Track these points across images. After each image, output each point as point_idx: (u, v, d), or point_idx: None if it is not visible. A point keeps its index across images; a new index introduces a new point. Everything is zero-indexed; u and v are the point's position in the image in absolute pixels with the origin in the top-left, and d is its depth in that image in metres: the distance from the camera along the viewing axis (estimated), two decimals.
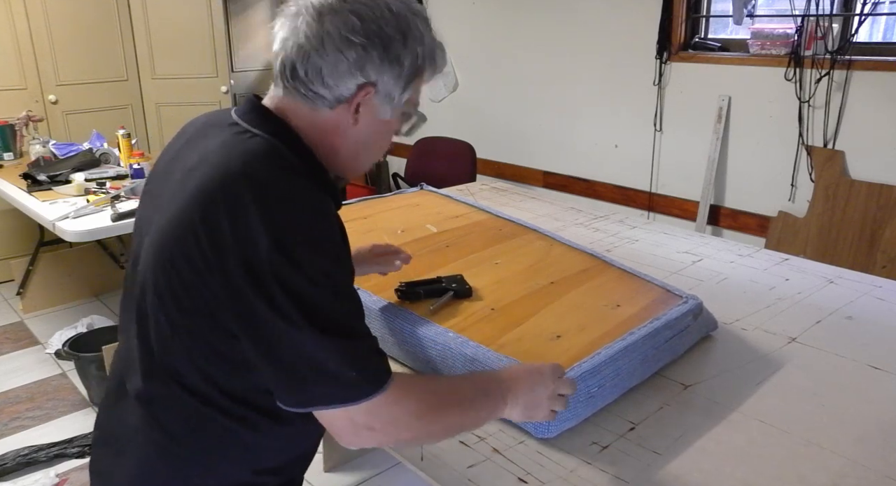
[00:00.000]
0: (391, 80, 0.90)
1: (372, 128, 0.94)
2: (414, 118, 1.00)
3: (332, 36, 0.86)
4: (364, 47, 0.87)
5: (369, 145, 0.97)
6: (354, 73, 0.88)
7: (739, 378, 1.34)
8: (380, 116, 0.93)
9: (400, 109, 0.95)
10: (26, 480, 2.40)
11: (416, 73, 0.93)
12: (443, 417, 0.93)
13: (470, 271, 1.60)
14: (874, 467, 1.08)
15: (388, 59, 0.88)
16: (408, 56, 0.90)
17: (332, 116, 0.91)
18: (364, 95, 0.90)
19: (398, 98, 0.93)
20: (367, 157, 0.99)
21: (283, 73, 0.89)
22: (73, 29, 4.11)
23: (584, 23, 3.51)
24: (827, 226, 2.82)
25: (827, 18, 2.71)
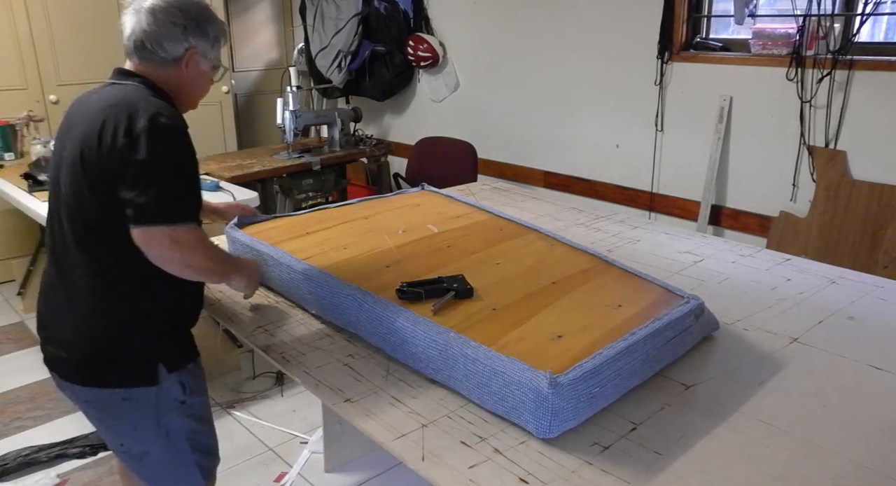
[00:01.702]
0: (204, 43, 1.45)
1: (198, 76, 1.49)
2: (221, 69, 1.56)
3: (165, 22, 1.40)
4: (185, 26, 1.41)
5: (197, 87, 1.52)
6: (182, 42, 1.42)
7: (741, 379, 1.34)
8: (202, 67, 1.48)
9: (212, 63, 1.49)
10: (27, 480, 2.40)
11: (215, 40, 1.48)
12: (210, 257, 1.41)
13: (471, 271, 1.60)
14: (875, 467, 1.08)
15: (200, 31, 1.44)
16: (211, 28, 1.46)
17: (173, 70, 1.45)
18: (191, 55, 1.44)
19: (210, 55, 1.48)
20: (195, 97, 1.54)
21: (136, 48, 1.42)
22: (73, 29, 4.11)
23: (585, 23, 3.51)
24: (828, 226, 2.82)
25: (828, 18, 2.70)
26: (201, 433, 1.59)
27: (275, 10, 5.17)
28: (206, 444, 1.61)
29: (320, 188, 3.99)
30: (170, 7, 1.40)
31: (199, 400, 1.56)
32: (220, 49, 1.51)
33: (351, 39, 4.34)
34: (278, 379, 2.98)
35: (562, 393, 1.13)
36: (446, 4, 4.20)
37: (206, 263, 1.40)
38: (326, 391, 1.31)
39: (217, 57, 1.51)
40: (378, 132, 4.74)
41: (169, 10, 1.40)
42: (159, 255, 1.33)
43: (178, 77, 1.46)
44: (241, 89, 5.04)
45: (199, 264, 1.38)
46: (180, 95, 1.49)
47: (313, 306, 1.60)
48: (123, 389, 1.44)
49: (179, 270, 1.37)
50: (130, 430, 1.49)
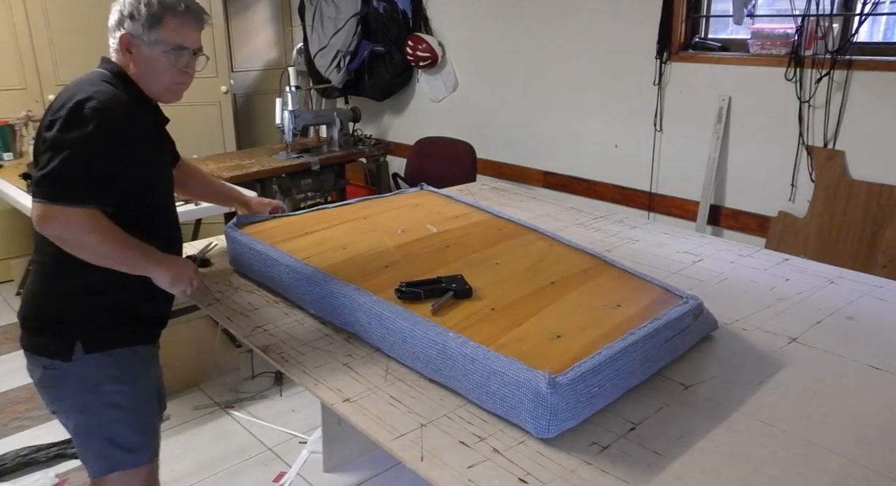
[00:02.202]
0: (137, 26, 1.45)
1: (145, 62, 1.47)
2: (186, 52, 1.49)
3: (112, 12, 1.48)
4: (122, 10, 1.46)
5: (151, 74, 1.49)
6: (117, 28, 1.47)
7: (740, 378, 1.34)
8: (144, 53, 1.46)
9: (156, 47, 1.46)
10: (26, 480, 2.40)
11: (155, 22, 1.44)
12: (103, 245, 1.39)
13: (470, 271, 1.60)
14: (874, 467, 1.08)
15: (133, 13, 1.44)
16: (146, 8, 1.44)
17: (124, 57, 1.48)
18: (126, 41, 1.46)
19: (149, 38, 1.45)
20: (156, 83, 1.51)
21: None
22: (72, 29, 4.11)
23: (584, 23, 3.51)
24: (827, 226, 2.82)
25: (827, 18, 2.70)
26: (116, 424, 1.54)
27: (273, 10, 5.16)
28: (121, 436, 1.54)
29: (319, 188, 3.98)
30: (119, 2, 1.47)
31: (122, 390, 1.53)
32: (169, 30, 1.45)
33: (350, 39, 4.34)
34: (277, 379, 2.98)
35: (561, 393, 1.13)
36: (445, 4, 4.20)
37: (102, 248, 1.38)
38: (325, 391, 1.31)
39: (165, 39, 1.46)
40: (377, 132, 4.74)
41: (118, 5, 1.47)
42: (51, 232, 1.35)
43: (128, 64, 1.48)
44: (239, 89, 5.03)
45: (93, 248, 1.38)
46: (140, 82, 1.49)
47: (312, 306, 1.60)
48: (45, 357, 1.50)
49: (75, 250, 1.38)
50: (55, 398, 1.54)
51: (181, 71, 1.50)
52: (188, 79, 1.54)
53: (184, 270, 1.53)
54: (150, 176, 1.52)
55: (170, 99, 1.54)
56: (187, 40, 1.49)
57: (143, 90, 1.49)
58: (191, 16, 1.48)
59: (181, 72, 1.50)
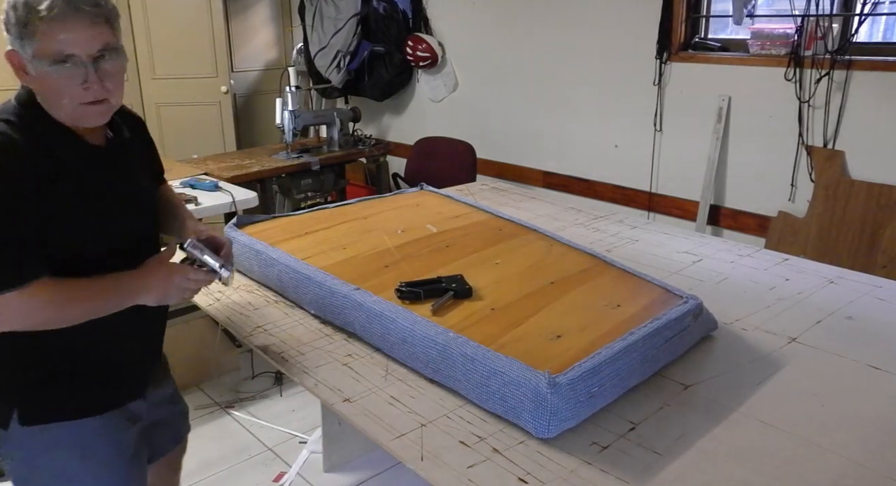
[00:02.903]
0: (13, 41, 1.12)
1: (38, 82, 1.15)
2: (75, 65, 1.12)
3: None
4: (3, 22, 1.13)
5: (48, 94, 1.15)
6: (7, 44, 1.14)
7: (740, 378, 1.34)
8: (31, 72, 1.14)
9: (36, 61, 1.12)
10: None
11: (22, 31, 1.10)
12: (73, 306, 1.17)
13: (470, 271, 1.60)
14: (874, 467, 1.08)
15: (7, 27, 1.12)
16: (10, 22, 1.11)
17: (21, 79, 1.17)
18: (14, 60, 1.14)
19: (26, 53, 1.12)
20: (55, 104, 1.16)
21: None
22: None
23: (584, 23, 3.51)
24: (827, 226, 2.82)
25: (827, 18, 2.70)
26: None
27: (273, 11, 5.16)
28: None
29: (319, 188, 3.98)
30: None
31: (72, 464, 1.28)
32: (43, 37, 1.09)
33: (350, 39, 4.34)
34: (277, 379, 2.98)
35: (560, 393, 1.13)
36: (445, 5, 4.20)
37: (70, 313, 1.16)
38: (325, 391, 1.31)
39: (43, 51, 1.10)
40: (377, 132, 4.74)
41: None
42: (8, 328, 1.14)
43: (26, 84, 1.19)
44: (239, 89, 5.03)
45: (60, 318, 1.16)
46: (44, 102, 1.18)
47: (312, 306, 1.60)
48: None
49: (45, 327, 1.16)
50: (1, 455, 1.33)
51: (81, 87, 1.13)
52: (99, 93, 1.15)
53: (168, 279, 1.24)
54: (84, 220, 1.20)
55: (89, 123, 1.20)
56: (71, 44, 1.10)
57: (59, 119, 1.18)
58: (65, 10, 1.09)
59: (82, 88, 1.13)
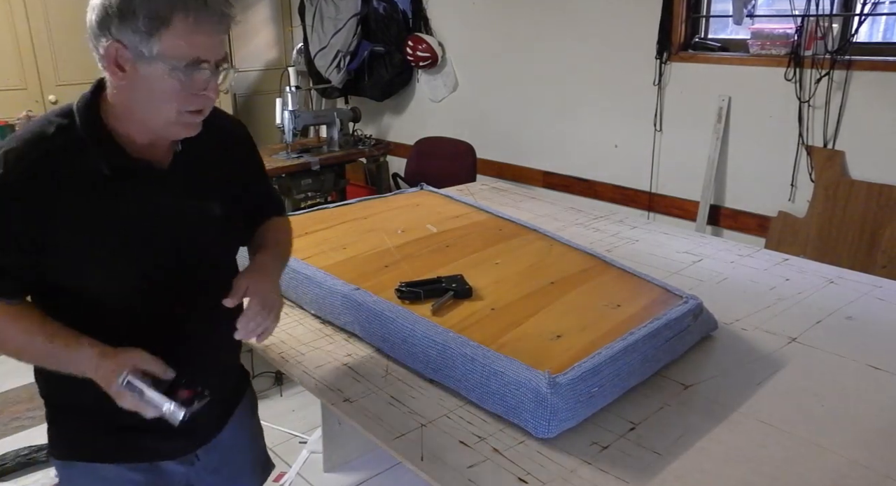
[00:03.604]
0: (131, 33, 0.94)
1: (142, 84, 0.98)
2: (203, 71, 0.98)
3: (91, 7, 0.97)
4: (108, 10, 0.95)
5: (147, 101, 1.00)
6: (105, 33, 0.96)
7: (740, 378, 1.34)
8: (142, 71, 0.97)
9: (157, 64, 0.96)
10: (26, 480, 2.40)
11: (160, 23, 0.94)
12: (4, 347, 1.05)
13: (470, 271, 1.60)
14: (874, 467, 1.08)
15: (124, 14, 0.94)
16: (143, 8, 0.93)
17: (111, 75, 1.00)
18: (115, 53, 0.96)
19: (147, 51, 0.95)
20: (151, 112, 1.01)
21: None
22: (72, 29, 4.10)
23: (584, 23, 3.51)
24: (827, 226, 2.82)
25: (827, 18, 2.70)
26: None
27: (274, 11, 5.16)
28: None
29: (319, 188, 3.98)
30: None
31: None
32: (179, 36, 0.95)
33: (350, 39, 4.34)
34: (277, 379, 2.98)
35: (560, 393, 1.13)
36: (445, 5, 4.20)
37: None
38: (325, 391, 1.31)
39: (173, 51, 0.95)
40: (377, 132, 4.73)
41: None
42: None
43: (115, 88, 1.00)
44: (239, 89, 5.03)
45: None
46: (132, 110, 1.02)
47: (312, 306, 1.60)
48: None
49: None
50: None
51: (197, 94, 1.00)
52: (209, 102, 1.03)
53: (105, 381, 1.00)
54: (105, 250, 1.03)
55: (179, 134, 1.05)
56: (206, 50, 0.98)
57: (127, 120, 1.03)
58: (211, 12, 0.97)
59: (197, 95, 1.00)
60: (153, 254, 1.07)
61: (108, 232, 1.02)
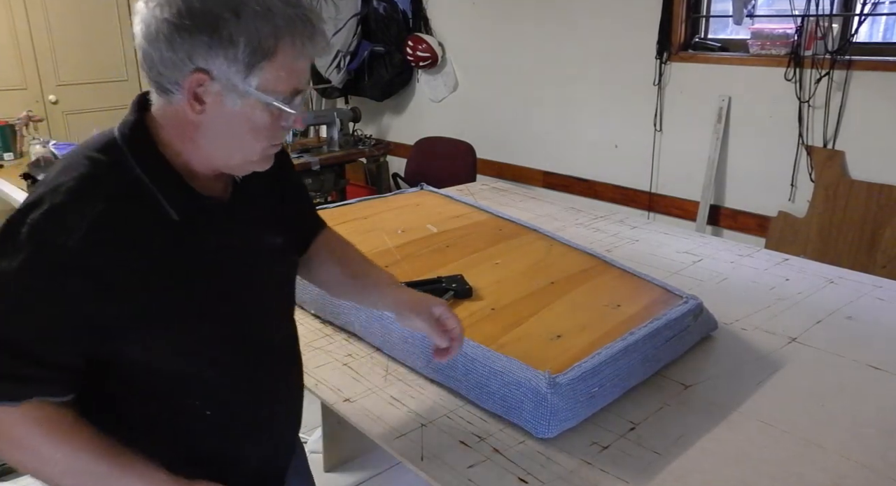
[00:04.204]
0: (225, 64, 0.79)
1: (225, 119, 0.83)
2: (288, 112, 0.85)
3: (157, 20, 0.79)
4: (189, 30, 0.78)
5: (229, 138, 0.86)
6: (184, 60, 0.79)
7: (740, 378, 1.34)
8: (228, 105, 0.82)
9: (252, 97, 0.82)
10: (26, 480, 2.40)
11: (262, 55, 0.80)
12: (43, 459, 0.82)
13: (470, 271, 1.60)
14: (874, 467, 1.08)
15: (216, 40, 0.78)
16: (242, 34, 0.78)
17: (180, 105, 0.83)
18: (197, 84, 0.81)
19: (242, 85, 0.81)
20: (231, 150, 0.87)
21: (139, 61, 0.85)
22: (73, 29, 4.11)
23: (584, 23, 3.51)
24: (827, 226, 2.82)
25: (827, 18, 2.70)
26: None
27: None
28: None
29: (319, 188, 3.98)
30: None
31: None
32: (281, 65, 0.82)
33: (350, 40, 4.35)
34: None
35: (561, 393, 1.14)
36: (445, 5, 4.20)
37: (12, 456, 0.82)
38: (325, 391, 1.31)
39: (272, 84, 0.82)
40: (377, 132, 4.73)
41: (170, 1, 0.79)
42: None
43: (186, 120, 0.84)
44: None
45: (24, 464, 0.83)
46: (199, 145, 0.86)
47: (312, 306, 1.60)
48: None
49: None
50: None
51: (284, 126, 0.88)
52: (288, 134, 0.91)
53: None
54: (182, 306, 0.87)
55: (252, 170, 0.92)
56: (303, 76, 0.86)
57: (187, 154, 0.87)
58: (318, 35, 0.84)
59: (284, 127, 0.88)
60: (232, 300, 0.93)
61: (185, 286, 0.86)
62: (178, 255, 0.86)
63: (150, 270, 0.83)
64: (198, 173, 0.89)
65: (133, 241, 0.82)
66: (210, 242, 0.90)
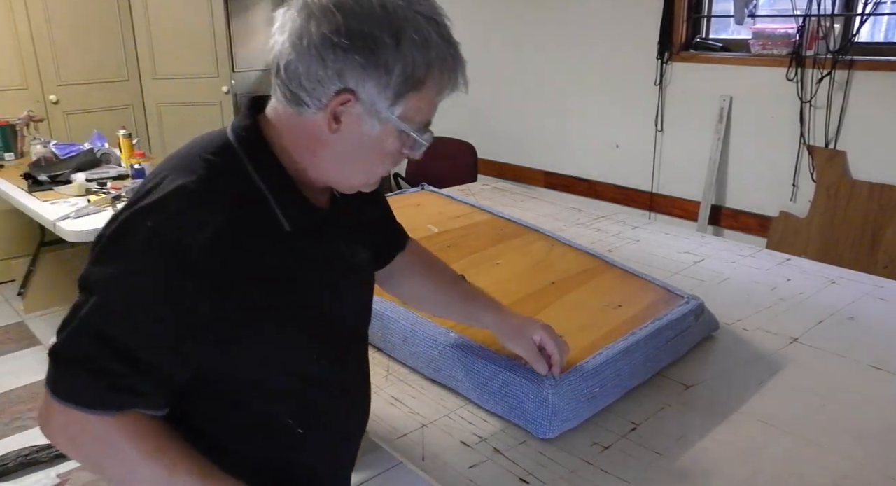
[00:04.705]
0: (375, 89, 0.79)
1: (357, 141, 0.83)
2: (421, 143, 0.85)
3: (312, 34, 0.78)
4: (345, 49, 0.77)
5: (356, 159, 0.86)
6: (332, 78, 0.79)
7: (741, 379, 1.34)
8: (365, 128, 0.82)
9: (391, 124, 0.82)
10: (27, 480, 2.40)
11: (412, 85, 0.80)
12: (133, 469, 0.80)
13: (471, 271, 1.60)
14: (875, 467, 1.08)
15: (371, 64, 0.78)
16: (399, 62, 0.78)
17: (313, 120, 0.82)
18: (342, 104, 0.80)
19: (386, 111, 0.81)
20: (355, 171, 0.88)
21: (274, 69, 0.83)
22: (73, 29, 4.11)
23: (585, 23, 3.51)
24: (828, 226, 2.82)
25: (828, 18, 2.70)
26: None
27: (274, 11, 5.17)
28: None
29: None
30: (331, 10, 0.78)
31: None
32: (423, 103, 0.84)
33: None
34: None
35: (562, 393, 1.13)
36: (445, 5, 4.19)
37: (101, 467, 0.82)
38: None
39: (413, 113, 0.83)
40: None
41: (329, 16, 0.78)
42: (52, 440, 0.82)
43: (315, 135, 0.84)
44: (240, 89, 5.03)
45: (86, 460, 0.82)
46: (320, 160, 0.86)
47: None
48: None
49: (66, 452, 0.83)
50: None
51: (404, 154, 0.88)
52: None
53: None
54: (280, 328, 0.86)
55: (364, 190, 0.94)
56: (436, 110, 0.89)
57: (305, 168, 0.87)
58: (462, 68, 0.89)
59: (402, 155, 0.89)
60: (332, 312, 0.94)
61: (293, 295, 0.86)
62: (287, 264, 0.85)
63: (263, 278, 0.82)
64: (310, 184, 0.89)
65: (250, 249, 0.81)
66: (314, 252, 0.89)
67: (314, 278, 0.89)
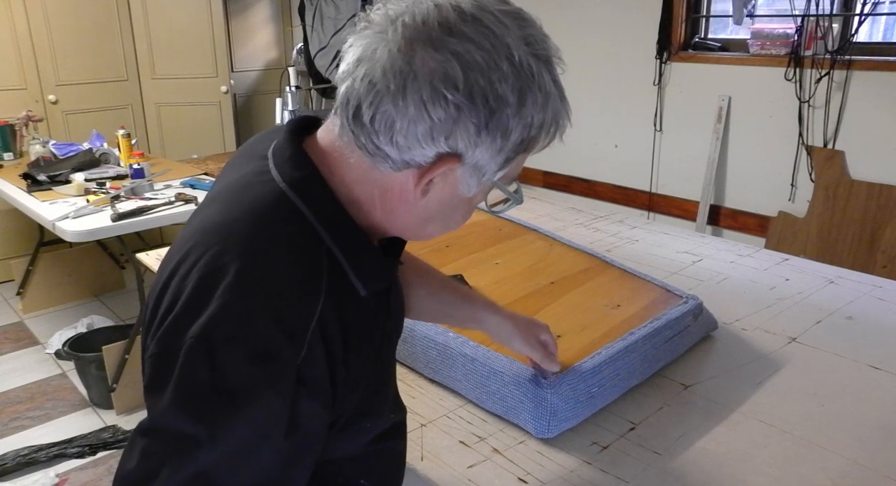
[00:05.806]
0: (487, 154, 0.66)
1: (448, 202, 0.72)
2: (509, 202, 0.75)
3: (418, 81, 0.61)
4: (459, 108, 0.62)
5: (437, 219, 0.74)
6: (437, 139, 0.64)
7: (739, 378, 1.34)
8: (461, 191, 0.70)
9: (489, 185, 0.71)
10: (26, 480, 2.39)
11: (525, 147, 0.68)
12: None
13: (470, 271, 1.60)
14: (874, 467, 1.08)
15: (489, 128, 0.64)
16: (518, 126, 0.65)
17: (396, 178, 0.68)
18: (443, 168, 0.66)
19: (490, 175, 0.68)
20: (435, 228, 0.76)
21: (346, 108, 0.66)
22: (73, 29, 4.11)
23: (583, 23, 3.51)
24: (827, 226, 2.82)
25: (827, 18, 2.71)
26: None
27: (273, 10, 5.16)
28: None
29: None
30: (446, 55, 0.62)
31: None
32: (523, 161, 0.73)
33: None
34: None
35: (560, 393, 1.13)
36: None
37: None
38: None
39: (511, 175, 0.73)
40: None
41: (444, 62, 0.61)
42: None
43: (397, 194, 0.71)
44: (239, 89, 5.03)
45: None
46: (395, 217, 0.73)
47: None
48: None
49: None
50: None
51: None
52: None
53: None
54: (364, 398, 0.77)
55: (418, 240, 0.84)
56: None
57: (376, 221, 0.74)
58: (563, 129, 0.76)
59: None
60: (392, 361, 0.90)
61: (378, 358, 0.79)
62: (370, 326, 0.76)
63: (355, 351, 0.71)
64: (375, 235, 0.77)
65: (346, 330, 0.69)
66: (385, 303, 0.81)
67: (388, 332, 0.83)
